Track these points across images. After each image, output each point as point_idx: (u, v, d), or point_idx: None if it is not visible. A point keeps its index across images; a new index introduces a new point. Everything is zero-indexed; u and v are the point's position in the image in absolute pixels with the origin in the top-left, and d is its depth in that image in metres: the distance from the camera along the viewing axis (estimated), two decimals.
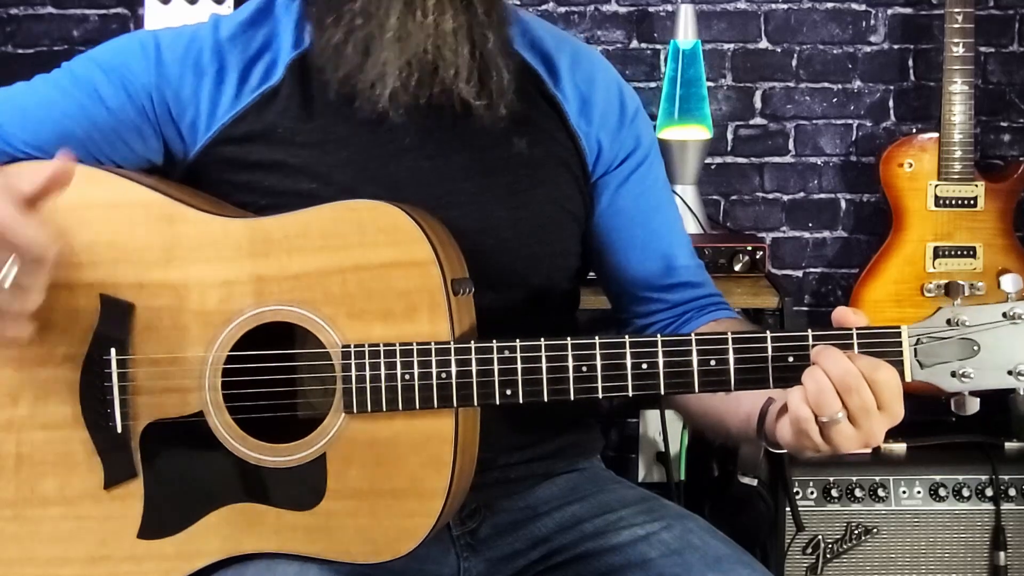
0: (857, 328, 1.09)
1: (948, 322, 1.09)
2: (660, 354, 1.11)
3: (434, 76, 1.20)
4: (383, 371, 1.12)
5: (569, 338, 1.12)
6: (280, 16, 1.28)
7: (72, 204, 1.18)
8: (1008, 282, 1.09)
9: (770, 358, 1.10)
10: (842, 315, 1.10)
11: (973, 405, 1.09)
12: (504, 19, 1.25)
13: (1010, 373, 1.08)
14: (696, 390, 1.11)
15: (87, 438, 1.17)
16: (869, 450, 2.28)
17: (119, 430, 1.16)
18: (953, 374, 1.09)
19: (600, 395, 1.12)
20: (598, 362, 1.11)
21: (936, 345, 1.09)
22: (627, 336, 1.12)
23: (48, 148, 1.22)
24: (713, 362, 1.10)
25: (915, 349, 1.09)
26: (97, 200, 1.19)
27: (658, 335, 1.13)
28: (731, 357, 1.10)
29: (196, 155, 1.26)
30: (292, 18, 1.28)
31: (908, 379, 1.09)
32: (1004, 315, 1.08)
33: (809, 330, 1.09)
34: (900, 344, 1.09)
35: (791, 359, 1.09)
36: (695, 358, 1.10)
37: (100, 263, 1.18)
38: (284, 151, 1.24)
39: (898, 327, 1.09)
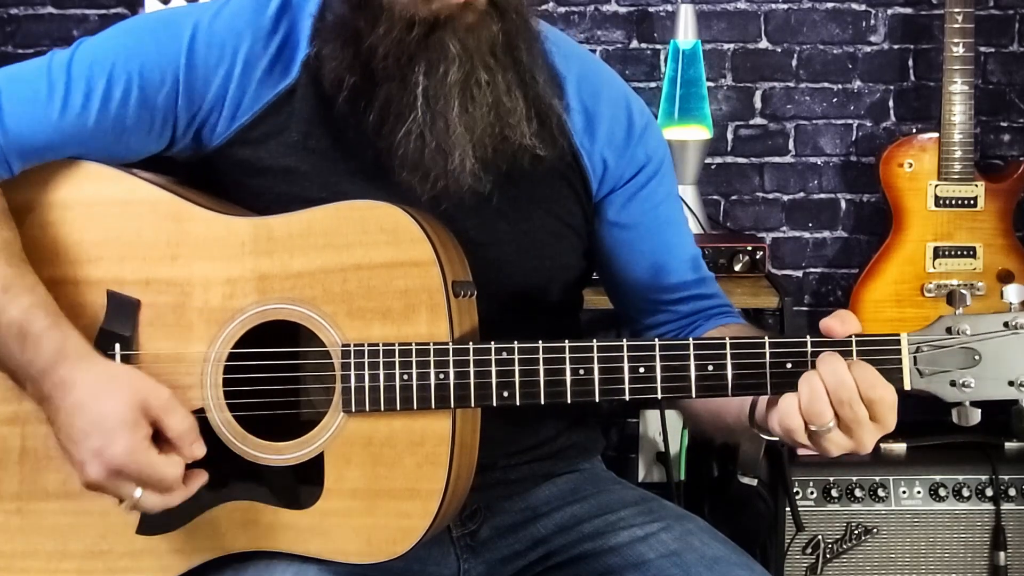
0: (856, 336, 1.08)
1: (948, 330, 1.07)
2: (658, 359, 1.11)
3: (505, 142, 1.20)
4: (382, 371, 1.12)
5: (567, 341, 1.11)
6: (299, 7, 1.24)
7: (82, 200, 1.19)
8: (1012, 292, 1.07)
9: (768, 364, 1.09)
10: (827, 327, 1.09)
11: (975, 416, 1.07)
12: (539, 49, 1.24)
13: (1011, 384, 1.07)
14: (693, 395, 1.11)
15: None
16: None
17: None
18: (953, 383, 1.07)
19: (597, 399, 1.12)
20: (595, 366, 1.11)
21: (936, 354, 1.07)
22: (624, 340, 1.12)
23: (41, 152, 1.18)
24: (711, 367, 1.10)
25: (915, 357, 1.07)
26: (106, 197, 1.20)
27: (656, 339, 1.12)
28: (728, 363, 1.10)
29: (213, 151, 1.23)
30: (310, 12, 1.23)
31: (907, 387, 1.08)
32: (1005, 325, 1.07)
33: (808, 336, 1.09)
34: (899, 352, 1.08)
35: (789, 365, 1.09)
36: (692, 363, 1.10)
37: (107, 259, 1.18)
38: (295, 156, 1.22)
39: (897, 335, 1.08)
